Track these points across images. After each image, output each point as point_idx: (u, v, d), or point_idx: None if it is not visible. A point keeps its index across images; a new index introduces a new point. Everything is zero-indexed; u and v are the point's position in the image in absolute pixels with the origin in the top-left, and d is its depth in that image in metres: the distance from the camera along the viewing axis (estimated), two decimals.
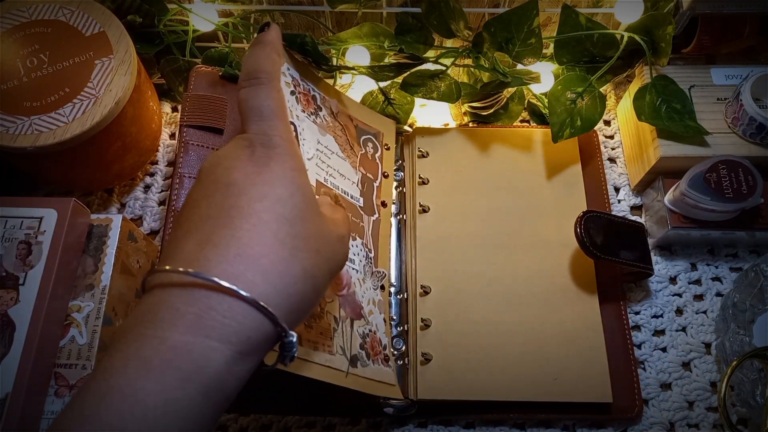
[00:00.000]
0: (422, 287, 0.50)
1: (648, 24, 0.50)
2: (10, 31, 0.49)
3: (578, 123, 0.52)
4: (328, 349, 0.41)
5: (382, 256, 0.50)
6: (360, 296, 0.46)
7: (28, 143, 0.45)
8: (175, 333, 0.25)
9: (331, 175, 0.46)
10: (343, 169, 0.48)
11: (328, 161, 0.46)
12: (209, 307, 0.26)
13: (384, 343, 0.47)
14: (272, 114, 0.32)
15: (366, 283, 0.47)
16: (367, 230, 0.49)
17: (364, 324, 0.45)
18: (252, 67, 0.34)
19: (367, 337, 0.45)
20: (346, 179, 0.48)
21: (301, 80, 0.46)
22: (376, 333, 0.46)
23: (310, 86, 0.47)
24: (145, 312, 0.26)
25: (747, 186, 0.48)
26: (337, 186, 0.46)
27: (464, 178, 0.54)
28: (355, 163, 0.50)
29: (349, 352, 0.43)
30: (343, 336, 0.43)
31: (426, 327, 0.48)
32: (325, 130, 0.47)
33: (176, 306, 0.26)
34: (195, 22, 0.54)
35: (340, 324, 0.43)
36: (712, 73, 0.54)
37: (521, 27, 0.49)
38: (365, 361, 0.44)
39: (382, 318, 0.48)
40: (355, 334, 0.44)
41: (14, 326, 0.40)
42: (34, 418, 0.40)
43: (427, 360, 0.47)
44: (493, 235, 0.52)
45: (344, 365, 0.42)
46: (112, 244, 0.46)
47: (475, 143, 0.56)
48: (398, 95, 0.56)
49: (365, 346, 0.44)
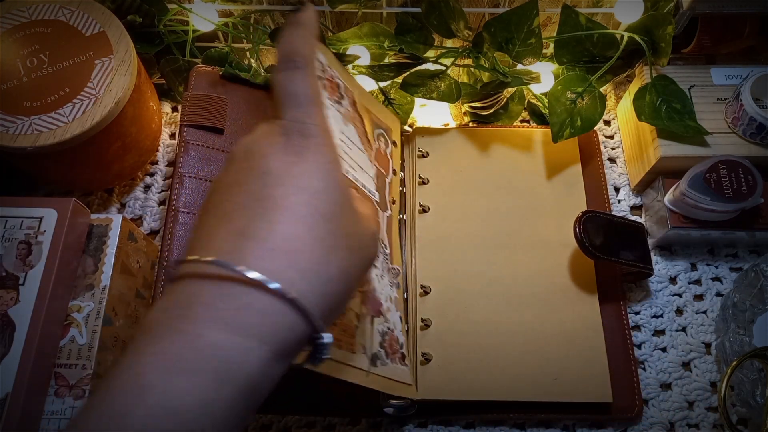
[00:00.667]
0: (422, 287, 0.50)
1: (648, 24, 0.50)
2: (10, 31, 0.49)
3: (578, 123, 0.52)
4: (350, 348, 0.40)
5: (396, 252, 0.50)
6: (379, 293, 0.45)
7: (28, 143, 0.45)
8: (212, 330, 0.24)
9: (351, 167, 0.45)
10: (362, 162, 0.47)
11: (350, 152, 0.45)
12: (247, 305, 0.25)
13: (401, 341, 0.46)
14: (309, 101, 0.30)
15: (384, 279, 0.46)
16: (383, 226, 0.49)
17: (383, 321, 0.44)
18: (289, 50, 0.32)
19: (386, 335, 0.44)
20: (364, 172, 0.46)
21: (328, 66, 0.45)
22: (393, 331, 0.45)
23: (335, 73, 0.46)
24: (177, 304, 0.25)
25: (747, 186, 0.48)
26: (357, 179, 0.45)
27: (464, 178, 0.54)
28: (371, 157, 0.49)
29: (370, 351, 0.42)
30: (365, 334, 0.42)
31: (426, 327, 0.48)
32: (348, 120, 0.46)
33: (211, 301, 0.25)
34: (195, 22, 0.54)
35: (361, 321, 0.42)
36: (712, 73, 0.54)
37: (521, 27, 0.49)
38: (384, 360, 0.43)
39: (399, 316, 0.47)
40: (375, 332, 0.43)
41: (14, 326, 0.40)
42: (34, 418, 0.40)
43: (427, 360, 0.47)
44: (493, 235, 0.52)
45: (365, 364, 0.41)
46: (112, 244, 0.46)
47: (475, 143, 0.56)
48: (398, 95, 0.56)
49: (384, 345, 0.44)
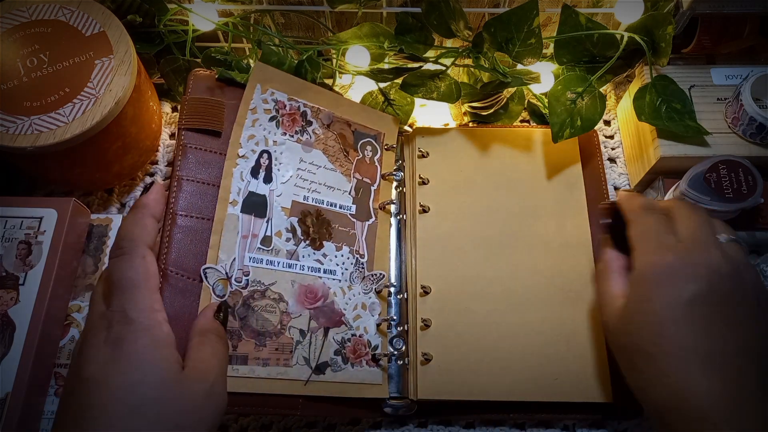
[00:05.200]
0: (422, 287, 0.50)
1: (648, 24, 0.50)
2: (10, 31, 0.49)
3: (578, 123, 0.52)
4: (284, 362, 0.43)
5: (381, 257, 0.51)
6: (342, 305, 0.47)
7: (28, 143, 0.45)
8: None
9: (314, 191, 0.49)
10: (331, 181, 0.50)
11: (312, 177, 0.49)
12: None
13: (374, 344, 0.47)
14: (132, 286, 0.33)
15: (353, 289, 0.48)
16: (360, 236, 0.50)
17: (344, 330, 0.46)
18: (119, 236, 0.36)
19: (347, 342, 0.46)
20: (334, 190, 0.50)
21: (288, 101, 0.50)
22: (362, 336, 0.47)
23: (300, 103, 0.50)
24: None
25: (747, 186, 0.48)
26: (321, 200, 0.49)
27: (464, 178, 0.54)
28: (348, 171, 0.51)
29: (315, 361, 0.44)
30: (310, 346, 0.45)
31: (426, 327, 0.48)
32: (311, 146, 0.50)
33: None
34: (195, 22, 0.54)
35: (307, 335, 0.45)
36: (712, 73, 0.54)
37: (521, 27, 0.49)
38: (339, 365, 0.45)
39: (375, 320, 0.48)
40: (329, 342, 0.45)
41: (14, 326, 0.40)
42: (34, 418, 0.40)
43: (427, 360, 0.47)
44: (494, 234, 0.52)
45: (305, 374, 0.44)
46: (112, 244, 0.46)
47: (475, 143, 0.56)
48: (398, 95, 0.56)
49: (342, 351, 0.46)
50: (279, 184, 0.48)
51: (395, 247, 0.52)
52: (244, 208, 0.46)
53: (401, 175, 0.55)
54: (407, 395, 0.47)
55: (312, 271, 0.47)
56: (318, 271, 0.47)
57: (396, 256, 0.52)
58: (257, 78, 0.50)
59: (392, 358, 0.48)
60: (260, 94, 0.50)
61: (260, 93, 0.50)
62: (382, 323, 0.48)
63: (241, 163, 0.47)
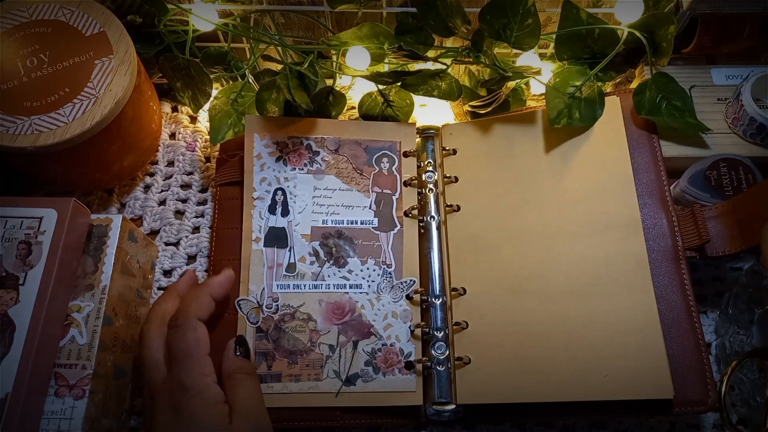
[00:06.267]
0: (456, 289, 0.48)
1: (649, 23, 0.50)
2: (10, 31, 0.49)
3: (576, 115, 0.51)
4: (315, 377, 0.46)
5: (410, 264, 0.50)
6: (370, 316, 0.48)
7: (28, 143, 0.45)
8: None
9: (333, 213, 0.51)
10: (348, 200, 0.52)
11: (329, 201, 0.52)
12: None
13: (407, 352, 0.47)
14: (185, 356, 0.39)
15: (382, 299, 0.49)
16: (386, 247, 0.51)
17: (374, 340, 0.47)
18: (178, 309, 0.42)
19: (378, 352, 0.47)
20: (353, 208, 0.52)
21: (289, 140, 0.53)
22: (393, 345, 0.47)
23: (301, 138, 0.53)
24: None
25: (747, 184, 0.48)
26: (341, 221, 0.51)
27: (494, 170, 0.52)
28: (366, 187, 0.53)
29: (345, 374, 0.46)
30: (340, 360, 0.47)
31: (462, 329, 0.47)
32: (322, 173, 0.52)
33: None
34: (195, 22, 0.54)
35: (336, 350, 0.47)
36: (713, 74, 0.54)
37: (516, 8, 0.47)
38: (371, 376, 0.46)
39: (408, 327, 0.48)
40: (359, 354, 0.47)
41: (14, 326, 0.40)
42: (34, 418, 0.40)
43: (465, 363, 0.46)
44: (530, 226, 0.49)
45: (335, 387, 0.46)
46: (112, 244, 0.46)
47: (503, 132, 0.53)
48: (397, 97, 0.56)
49: (373, 362, 0.47)
50: (296, 214, 0.51)
51: (429, 252, 0.51)
52: (266, 242, 0.50)
53: (434, 177, 0.53)
54: (450, 399, 0.46)
55: (338, 288, 0.49)
56: (344, 287, 0.49)
57: (428, 260, 0.50)
58: (252, 129, 0.52)
59: (433, 363, 0.46)
60: (260, 141, 0.52)
61: (260, 140, 0.52)
62: (416, 329, 0.48)
63: (258, 204, 0.51)
